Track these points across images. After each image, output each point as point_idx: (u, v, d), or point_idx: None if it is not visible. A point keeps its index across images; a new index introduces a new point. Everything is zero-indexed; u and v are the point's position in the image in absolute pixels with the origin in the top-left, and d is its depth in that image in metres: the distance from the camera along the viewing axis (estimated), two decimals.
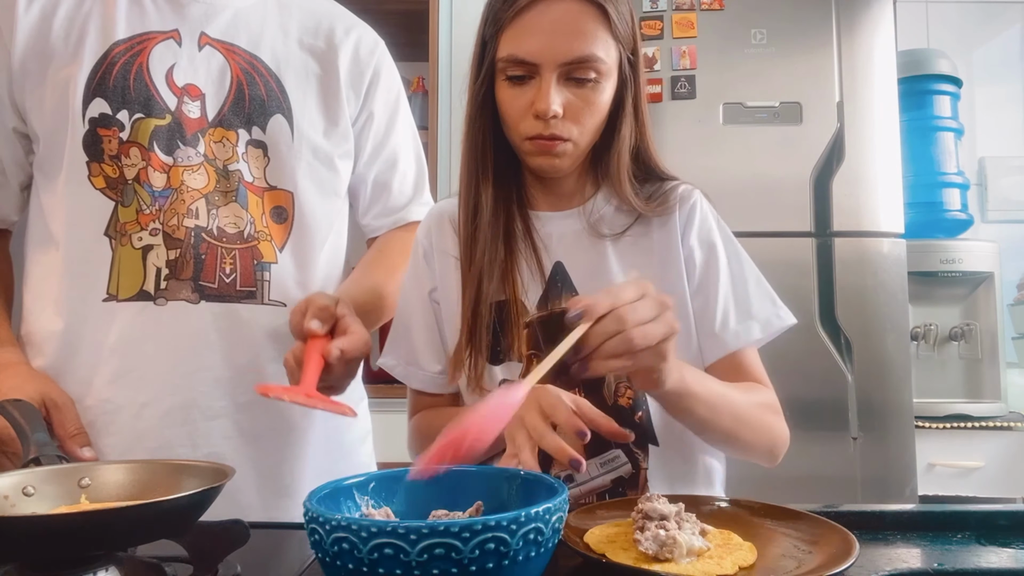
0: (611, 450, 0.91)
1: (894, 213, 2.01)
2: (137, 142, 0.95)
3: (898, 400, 1.95)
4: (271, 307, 0.99)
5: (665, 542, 0.62)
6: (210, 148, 0.97)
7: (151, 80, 0.96)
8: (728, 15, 2.03)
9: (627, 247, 0.96)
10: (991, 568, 0.66)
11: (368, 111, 1.12)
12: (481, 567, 0.50)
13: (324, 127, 1.05)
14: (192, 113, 0.97)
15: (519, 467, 0.69)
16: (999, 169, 2.65)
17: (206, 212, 0.96)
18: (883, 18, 2.04)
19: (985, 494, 2.07)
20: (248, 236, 0.98)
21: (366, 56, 1.11)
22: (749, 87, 2.01)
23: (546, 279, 0.95)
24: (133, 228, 0.95)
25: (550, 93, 0.86)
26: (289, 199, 1.01)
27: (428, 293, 1.02)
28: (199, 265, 0.95)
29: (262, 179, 1.00)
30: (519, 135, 0.91)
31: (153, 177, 0.95)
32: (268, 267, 0.99)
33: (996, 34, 2.71)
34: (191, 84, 0.98)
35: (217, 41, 1.01)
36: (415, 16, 2.29)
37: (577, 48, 0.85)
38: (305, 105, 1.03)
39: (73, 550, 0.61)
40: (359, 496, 0.65)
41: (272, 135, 1.00)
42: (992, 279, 2.29)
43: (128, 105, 0.95)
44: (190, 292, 0.95)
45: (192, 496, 0.63)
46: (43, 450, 0.78)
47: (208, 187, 0.97)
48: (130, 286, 0.94)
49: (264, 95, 1.01)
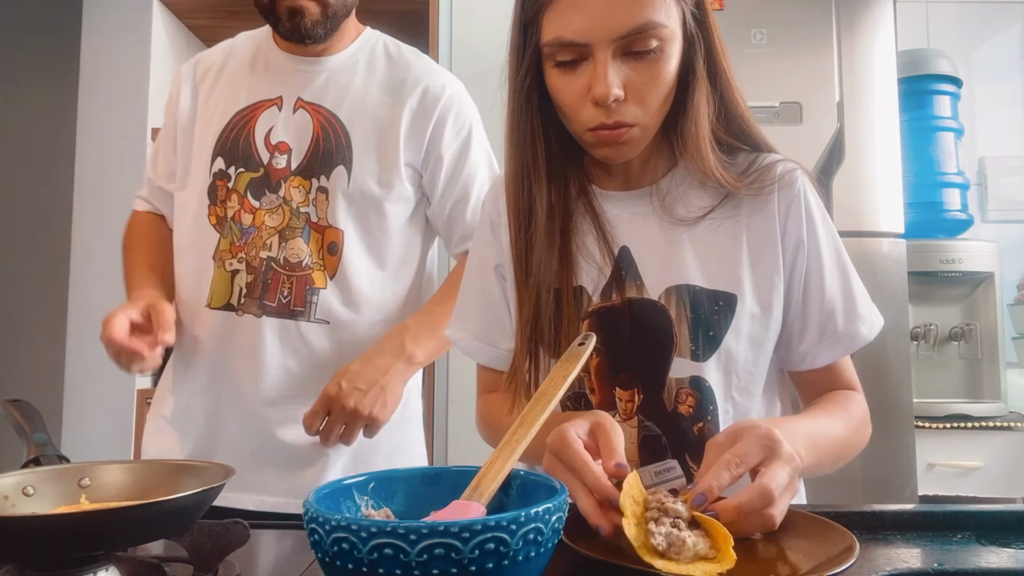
0: (666, 460, 0.83)
1: (894, 213, 2.01)
2: (236, 190, 1.20)
3: (898, 400, 1.95)
4: (316, 324, 1.18)
5: (674, 542, 0.62)
6: (289, 192, 1.18)
7: (254, 141, 1.20)
8: (728, 15, 2.03)
9: (706, 233, 0.86)
10: (991, 568, 0.66)
11: (436, 155, 1.22)
12: (481, 567, 0.50)
13: (378, 174, 1.19)
14: (279, 164, 1.19)
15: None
16: (999, 169, 2.65)
17: (277, 245, 1.18)
18: (883, 18, 2.04)
19: (985, 494, 2.07)
20: (305, 266, 1.18)
21: (430, 105, 1.22)
22: (749, 87, 1.98)
23: (613, 265, 0.86)
24: (227, 256, 1.19)
25: (608, 74, 0.76)
26: (340, 236, 1.18)
27: (495, 267, 0.95)
28: (265, 288, 1.17)
29: (324, 219, 1.18)
30: (580, 126, 0.81)
31: (243, 217, 1.19)
32: (317, 292, 1.18)
33: (996, 34, 2.71)
34: (282, 141, 1.20)
35: (308, 104, 1.21)
36: (415, 16, 2.29)
37: (632, 17, 0.75)
38: (365, 156, 1.19)
39: (73, 550, 0.61)
40: (359, 496, 0.65)
41: (333, 182, 1.18)
42: (992, 279, 2.29)
43: (236, 162, 1.20)
44: (256, 308, 1.17)
45: (192, 496, 0.63)
46: (43, 450, 0.78)
47: (282, 224, 1.18)
48: (220, 298, 1.19)
49: (334, 148, 1.19)
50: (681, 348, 0.84)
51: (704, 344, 0.84)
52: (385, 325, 1.21)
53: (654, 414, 0.85)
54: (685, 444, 0.84)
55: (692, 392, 0.84)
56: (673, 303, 0.85)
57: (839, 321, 0.87)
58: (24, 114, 2.80)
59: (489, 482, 0.62)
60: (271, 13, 1.18)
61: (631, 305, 0.86)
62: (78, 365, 2.26)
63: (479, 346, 0.97)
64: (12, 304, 2.75)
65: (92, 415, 2.18)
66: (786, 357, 0.90)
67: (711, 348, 0.84)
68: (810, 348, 0.88)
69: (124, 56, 2.32)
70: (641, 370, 0.85)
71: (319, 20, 1.17)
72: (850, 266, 0.89)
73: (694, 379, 0.84)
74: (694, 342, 0.84)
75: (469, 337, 0.97)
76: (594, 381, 0.87)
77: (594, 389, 0.87)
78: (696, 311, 0.84)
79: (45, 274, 2.61)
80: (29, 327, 2.70)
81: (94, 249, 2.29)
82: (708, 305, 0.84)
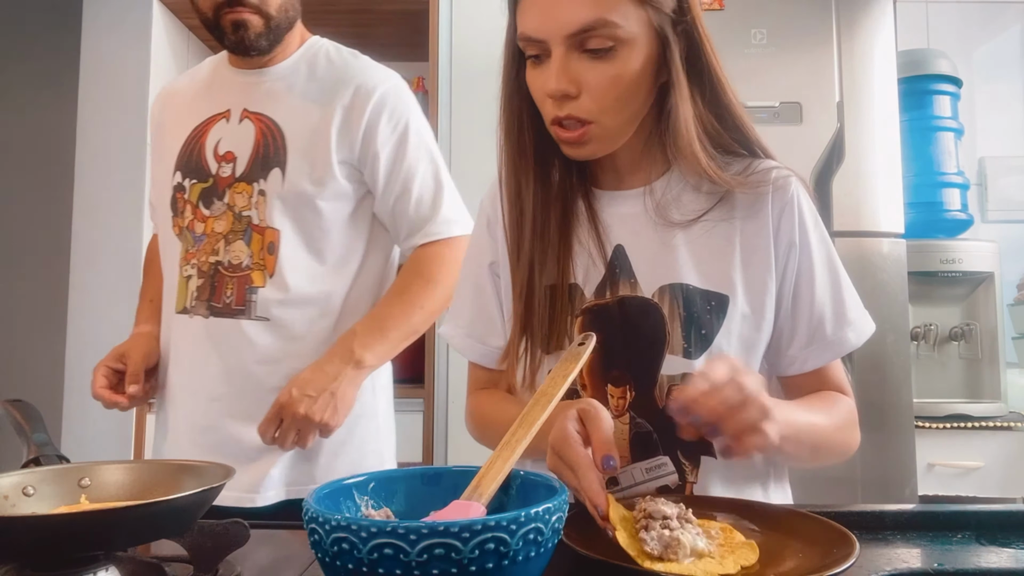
0: (658, 456, 0.85)
1: (894, 213, 2.01)
2: (190, 201, 1.27)
3: (898, 400, 1.95)
4: (256, 321, 1.23)
5: (669, 543, 0.62)
6: (232, 198, 1.24)
7: (205, 154, 1.27)
8: (728, 15, 2.03)
9: (700, 234, 0.86)
10: (991, 568, 0.66)
11: (372, 152, 1.25)
12: (481, 567, 0.50)
13: (310, 173, 1.22)
14: (225, 173, 1.25)
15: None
16: (999, 169, 2.65)
17: (223, 249, 1.24)
18: (883, 18, 2.04)
19: (985, 494, 2.07)
20: (245, 267, 1.23)
21: (361, 103, 1.24)
22: (749, 87, 2.01)
23: (608, 263, 0.88)
24: (183, 263, 1.27)
25: (557, 70, 0.79)
26: (277, 236, 1.23)
27: (489, 265, 0.97)
28: (212, 290, 1.24)
29: (264, 220, 1.23)
30: (545, 120, 0.84)
31: (196, 226, 1.26)
32: (256, 290, 1.23)
33: (996, 34, 2.71)
34: (229, 151, 1.26)
35: (252, 113, 1.27)
36: (415, 16, 2.29)
37: (582, 15, 0.77)
38: (298, 157, 1.23)
39: (73, 550, 0.61)
40: (359, 496, 0.65)
41: (270, 184, 1.23)
42: (992, 279, 2.28)
43: (189, 174, 1.27)
44: (204, 309, 1.24)
45: (192, 496, 0.63)
46: (43, 450, 0.78)
47: (226, 229, 1.24)
48: (179, 303, 1.27)
49: (271, 152, 1.24)
50: (673, 345, 0.85)
51: (696, 342, 0.85)
52: (327, 320, 1.25)
53: (645, 411, 0.86)
54: (677, 441, 0.84)
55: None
56: (666, 301, 0.85)
57: (828, 326, 0.87)
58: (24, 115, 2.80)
59: (489, 482, 0.62)
60: (216, 27, 1.23)
61: (624, 302, 0.87)
62: (78, 365, 2.26)
63: (470, 343, 0.98)
64: (12, 304, 2.75)
65: (92, 415, 2.18)
66: (776, 362, 0.91)
67: (703, 346, 0.85)
68: (799, 352, 0.88)
69: (124, 56, 2.32)
70: (633, 367, 0.86)
71: (262, 32, 1.23)
72: (842, 272, 0.90)
73: (686, 377, 0.85)
74: (686, 339, 0.85)
75: (461, 334, 0.99)
76: (586, 378, 0.87)
77: (586, 386, 0.88)
78: (689, 309, 0.85)
79: (45, 274, 2.61)
80: (29, 327, 2.70)
81: (94, 249, 2.29)
82: (701, 304, 0.85)
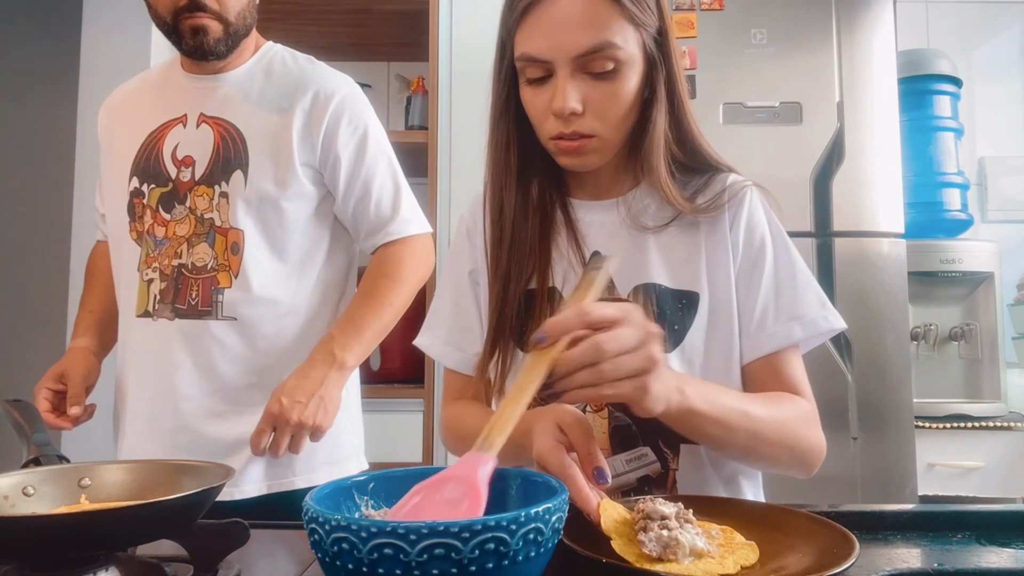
0: (639, 447, 0.89)
1: (894, 213, 2.01)
2: (149, 206, 1.28)
3: (898, 400, 1.95)
4: (223, 322, 1.25)
5: (668, 543, 0.62)
6: (193, 202, 1.26)
7: (162, 158, 1.28)
8: (728, 15, 2.03)
9: (671, 239, 0.93)
10: (991, 568, 0.66)
11: (333, 155, 1.28)
12: (481, 567, 0.50)
13: (273, 174, 1.25)
14: (184, 177, 1.27)
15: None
16: (999, 169, 2.65)
17: (186, 252, 1.25)
18: (883, 18, 2.04)
19: (985, 494, 2.07)
20: (210, 268, 1.25)
21: (321, 108, 1.28)
22: (749, 87, 2.01)
23: (584, 267, 0.92)
24: (143, 267, 1.28)
25: (565, 90, 0.84)
26: (241, 236, 1.25)
27: (468, 273, 1.01)
28: (176, 292, 1.25)
29: (226, 222, 1.25)
30: (544, 135, 0.89)
31: (156, 230, 1.27)
32: (222, 291, 1.25)
33: (996, 34, 2.71)
34: (188, 155, 1.27)
35: (210, 118, 1.29)
36: (415, 16, 2.29)
37: (588, 39, 0.82)
38: (260, 158, 1.25)
39: (73, 550, 0.61)
40: (359, 496, 0.65)
41: (232, 186, 1.25)
42: (992, 279, 2.29)
43: (147, 179, 1.28)
44: (169, 312, 1.25)
45: (192, 496, 0.63)
46: (43, 450, 0.78)
47: (188, 232, 1.26)
48: (140, 306, 1.28)
49: (232, 155, 1.26)
50: None
51: (670, 337, 0.90)
52: (293, 318, 1.28)
53: (624, 405, 0.85)
54: (657, 432, 0.88)
55: None
56: (641, 300, 0.91)
57: (770, 318, 0.90)
58: (24, 114, 2.80)
59: (498, 433, 0.62)
60: (174, 32, 1.24)
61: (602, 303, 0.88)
62: None
63: (448, 350, 1.00)
64: (12, 304, 2.75)
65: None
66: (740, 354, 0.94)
67: (676, 341, 0.90)
68: (744, 341, 0.91)
69: (124, 56, 2.32)
70: None
71: (221, 38, 1.25)
72: (800, 271, 0.92)
73: None
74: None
75: (439, 342, 1.01)
76: None
77: None
78: (661, 307, 0.90)
79: (45, 274, 2.61)
80: (29, 327, 2.70)
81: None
82: (672, 302, 0.91)
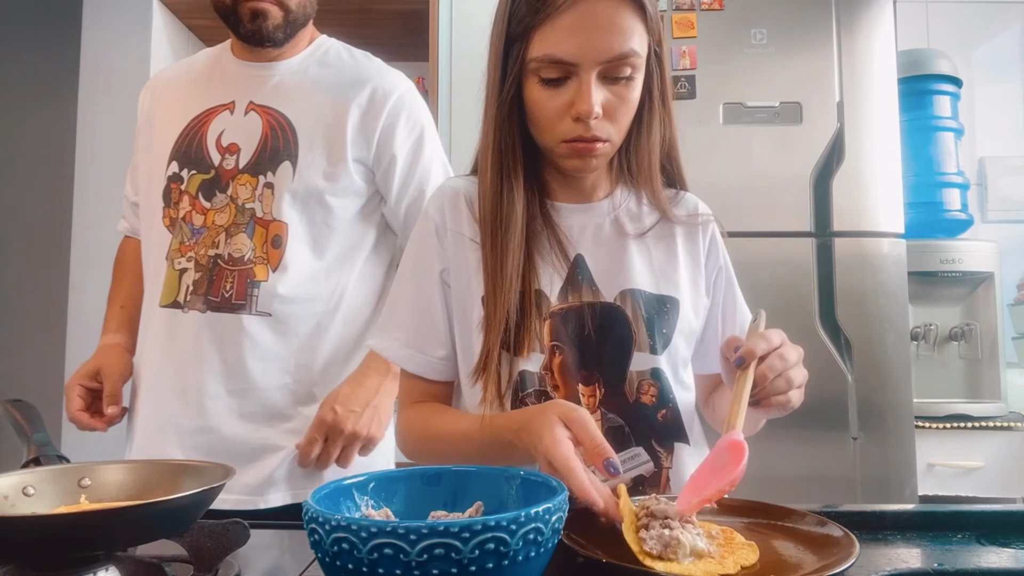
0: (632, 447, 0.90)
1: (894, 213, 2.01)
2: (188, 191, 1.23)
3: (898, 400, 1.95)
4: (257, 317, 1.19)
5: (669, 542, 0.62)
6: (235, 190, 1.21)
7: (206, 144, 1.24)
8: (728, 15, 2.03)
9: (650, 245, 0.96)
10: (991, 568, 0.66)
11: (389, 155, 1.24)
12: (481, 567, 0.50)
13: (324, 168, 1.21)
14: (228, 164, 1.22)
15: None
16: (999, 169, 2.65)
17: (224, 242, 1.20)
18: (883, 18, 2.04)
19: (985, 494, 2.07)
20: (247, 260, 1.19)
21: (379, 105, 1.23)
22: (749, 87, 2.01)
23: (568, 271, 0.93)
24: (176, 255, 1.22)
25: (591, 94, 0.83)
26: (284, 229, 1.20)
27: (439, 273, 0.95)
28: (210, 284, 1.19)
29: (269, 213, 1.20)
30: (554, 138, 0.88)
31: (194, 218, 1.22)
32: (258, 284, 1.19)
33: (996, 34, 2.71)
34: (233, 143, 1.23)
35: (259, 106, 1.24)
36: (415, 16, 2.29)
37: (617, 45, 0.82)
38: (311, 151, 1.21)
39: (73, 550, 0.61)
40: (359, 496, 0.65)
41: (279, 177, 1.20)
42: (992, 279, 2.28)
43: (188, 164, 1.23)
44: (201, 304, 1.19)
45: (192, 496, 0.63)
46: (43, 450, 0.78)
47: (228, 222, 1.20)
48: (168, 296, 1.22)
49: (281, 145, 1.21)
50: (640, 343, 0.92)
51: (659, 339, 0.92)
52: (328, 318, 1.22)
53: (616, 406, 0.91)
54: (650, 431, 0.91)
55: (653, 383, 0.92)
56: (628, 304, 0.92)
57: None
58: (24, 115, 2.80)
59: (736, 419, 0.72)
60: (232, 14, 1.21)
61: (591, 307, 0.92)
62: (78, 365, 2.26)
63: (409, 353, 0.95)
64: (12, 304, 2.75)
65: None
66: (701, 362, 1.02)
67: (664, 343, 0.93)
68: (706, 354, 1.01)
69: (124, 56, 2.32)
70: (602, 366, 0.91)
71: (280, 24, 1.21)
72: (740, 298, 1.03)
73: (654, 371, 0.92)
74: (651, 337, 0.92)
75: (399, 344, 0.96)
76: (557, 378, 0.91)
77: (558, 386, 0.91)
78: (648, 311, 0.93)
79: (45, 274, 2.61)
80: (29, 327, 2.70)
81: (94, 249, 2.29)
82: (658, 306, 0.94)
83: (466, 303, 0.93)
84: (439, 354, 0.95)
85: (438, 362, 0.95)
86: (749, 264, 1.92)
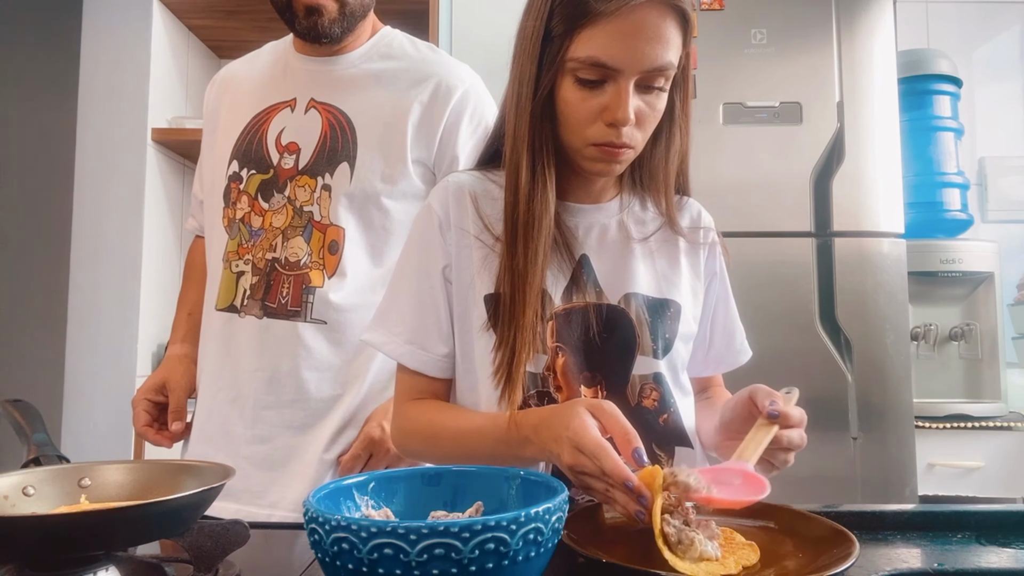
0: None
1: (894, 213, 2.01)
2: (247, 192, 1.19)
3: (898, 400, 1.95)
4: (312, 324, 1.15)
5: (683, 539, 0.63)
6: (294, 191, 1.17)
7: (266, 144, 1.20)
8: (728, 15, 2.03)
9: (653, 251, 0.96)
10: (991, 568, 0.66)
11: (451, 155, 1.18)
12: (481, 567, 0.50)
13: (382, 170, 1.16)
14: (287, 164, 1.18)
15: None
16: (999, 169, 2.65)
17: (281, 245, 1.16)
18: (883, 18, 2.04)
19: (985, 494, 2.07)
20: (303, 265, 1.15)
21: (442, 101, 1.18)
22: (749, 87, 2.01)
23: (572, 271, 0.92)
24: (233, 257, 1.19)
25: (629, 101, 0.83)
26: (341, 234, 1.16)
27: (441, 269, 0.94)
28: (267, 289, 1.16)
29: (327, 217, 1.16)
30: (583, 139, 0.86)
31: (253, 219, 1.18)
32: (313, 291, 1.15)
33: (996, 34, 2.71)
34: (292, 142, 1.19)
35: (320, 103, 1.20)
36: (415, 16, 2.29)
37: (660, 56, 0.83)
38: (369, 152, 1.16)
39: (73, 550, 0.61)
40: (359, 496, 0.65)
41: (337, 179, 1.16)
42: (992, 279, 2.28)
43: (248, 163, 1.20)
44: (258, 309, 1.16)
45: (192, 496, 0.63)
46: (43, 450, 0.78)
47: (285, 224, 1.17)
48: (224, 300, 1.19)
49: (339, 146, 1.17)
50: (643, 347, 0.92)
51: (661, 343, 0.93)
52: None
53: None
54: (651, 435, 0.89)
55: (655, 387, 0.92)
56: (632, 308, 0.92)
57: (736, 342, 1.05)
58: (24, 114, 2.80)
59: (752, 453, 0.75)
60: (288, 10, 1.16)
61: (596, 309, 0.92)
62: (78, 365, 2.26)
63: (410, 350, 0.93)
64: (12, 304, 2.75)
65: (92, 415, 2.18)
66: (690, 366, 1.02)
67: (666, 348, 0.93)
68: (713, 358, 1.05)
69: (124, 56, 2.32)
70: (605, 368, 0.91)
71: (336, 19, 1.16)
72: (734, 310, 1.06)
73: (656, 375, 0.92)
74: (654, 342, 0.92)
75: (399, 340, 0.94)
76: (560, 380, 0.90)
77: (560, 388, 0.90)
78: (651, 315, 0.93)
79: (45, 274, 2.61)
80: (29, 327, 2.70)
81: (94, 249, 2.29)
82: (661, 310, 0.94)
83: (467, 302, 0.92)
84: (441, 351, 0.93)
85: (440, 359, 0.93)
86: (749, 264, 1.93)
